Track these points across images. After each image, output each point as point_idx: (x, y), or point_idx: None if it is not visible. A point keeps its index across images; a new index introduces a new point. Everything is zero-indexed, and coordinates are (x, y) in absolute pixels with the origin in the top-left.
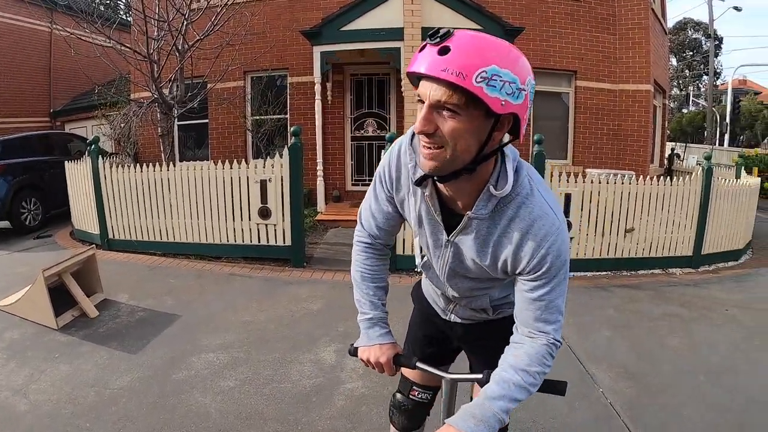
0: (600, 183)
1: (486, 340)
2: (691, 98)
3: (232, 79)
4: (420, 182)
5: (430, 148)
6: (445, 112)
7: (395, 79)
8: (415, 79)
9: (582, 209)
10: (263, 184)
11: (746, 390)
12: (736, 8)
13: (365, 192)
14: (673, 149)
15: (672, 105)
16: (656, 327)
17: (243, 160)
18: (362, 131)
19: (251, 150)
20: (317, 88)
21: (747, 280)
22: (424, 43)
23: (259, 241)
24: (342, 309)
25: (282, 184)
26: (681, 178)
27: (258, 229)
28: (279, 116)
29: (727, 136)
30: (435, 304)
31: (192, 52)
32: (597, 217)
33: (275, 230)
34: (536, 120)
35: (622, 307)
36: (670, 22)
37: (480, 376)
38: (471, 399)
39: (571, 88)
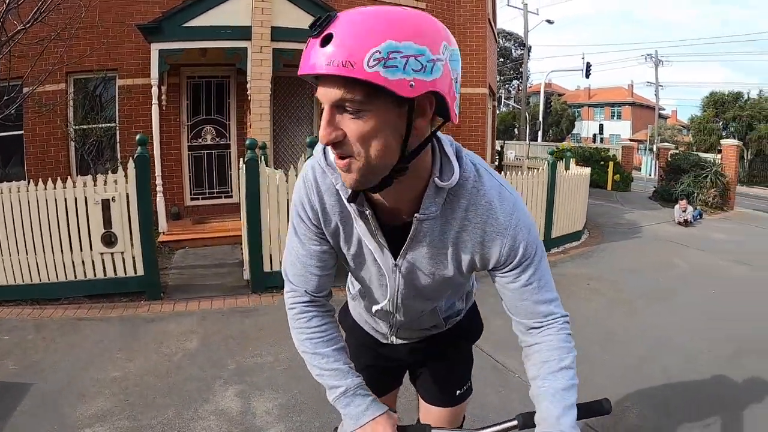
0: None
1: (437, 347)
2: (503, 100)
3: (52, 82)
4: (354, 197)
5: (342, 158)
6: (346, 114)
7: (236, 82)
8: (314, 81)
9: None
10: (105, 205)
11: (632, 351)
12: (548, 21)
13: (206, 206)
14: (502, 146)
15: None
16: None
17: (68, 176)
18: (200, 140)
19: (75, 165)
20: (154, 91)
21: (592, 256)
22: (309, 37)
23: (105, 275)
24: (224, 341)
25: (128, 203)
26: (530, 171)
27: (103, 260)
28: (108, 125)
29: (540, 133)
30: (373, 331)
31: (11, 46)
32: None
33: (123, 259)
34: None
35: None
36: None
37: (514, 422)
38: None
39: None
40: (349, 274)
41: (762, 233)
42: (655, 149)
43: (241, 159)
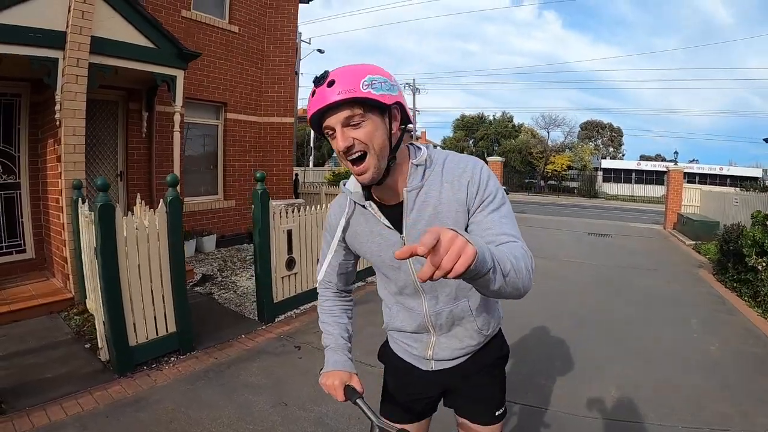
0: (310, 215)
1: (476, 376)
2: None
3: None
4: (369, 195)
5: (358, 160)
6: (352, 125)
7: (28, 102)
8: (316, 121)
9: (301, 243)
10: None
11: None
12: (319, 50)
13: None
14: (296, 174)
15: None
16: None
17: None
18: None
19: None
20: None
21: None
22: (313, 89)
23: None
24: None
25: None
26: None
27: None
28: None
29: (311, 158)
30: (410, 354)
31: None
32: (312, 248)
33: None
34: (188, 153)
35: (372, 320)
36: None
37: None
38: None
39: (221, 120)
40: (378, 284)
41: (534, 231)
42: None
43: (57, 201)
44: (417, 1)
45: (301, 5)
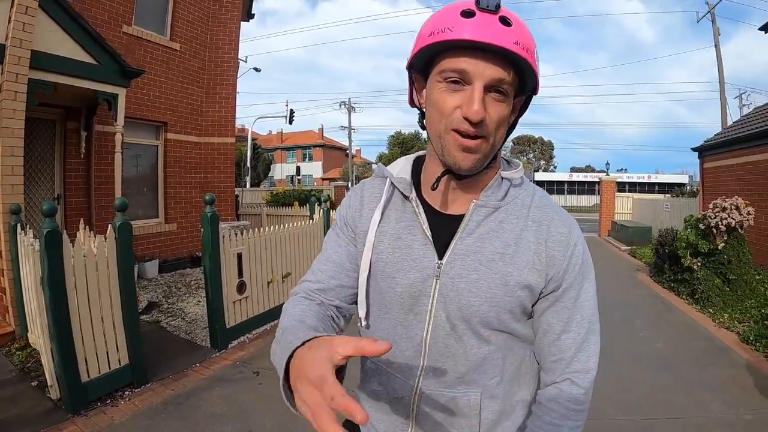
0: (260, 237)
1: None
2: None
3: None
4: (437, 184)
5: (475, 138)
6: (494, 95)
7: None
8: (436, 50)
9: (251, 265)
10: None
11: None
12: (256, 69)
13: None
14: (237, 195)
15: None
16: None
17: None
18: None
19: None
20: None
21: None
22: (468, 7)
23: None
24: None
25: None
26: (301, 220)
27: None
28: None
29: (248, 178)
30: None
31: None
32: (263, 270)
33: None
34: (127, 175)
35: None
36: None
37: None
38: None
39: (161, 141)
40: (364, 327)
41: None
42: (351, 185)
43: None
44: (351, 21)
45: (242, 23)
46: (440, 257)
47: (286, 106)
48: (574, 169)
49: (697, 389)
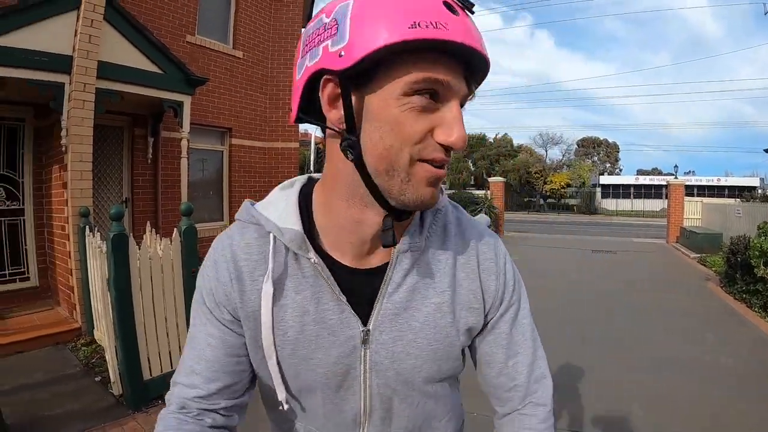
0: None
1: None
2: None
3: None
4: (391, 239)
5: (441, 167)
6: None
7: (32, 127)
8: (404, 51)
9: None
10: None
11: None
12: None
13: None
14: None
15: None
16: None
17: None
18: None
19: None
20: None
21: None
22: (457, 6)
23: None
24: None
25: None
26: None
27: None
28: None
29: None
30: None
31: None
32: None
33: None
34: (193, 179)
35: None
36: None
37: None
38: None
39: (226, 146)
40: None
41: (536, 251)
42: None
43: (65, 228)
44: None
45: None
46: (365, 323)
47: None
48: (640, 172)
49: None
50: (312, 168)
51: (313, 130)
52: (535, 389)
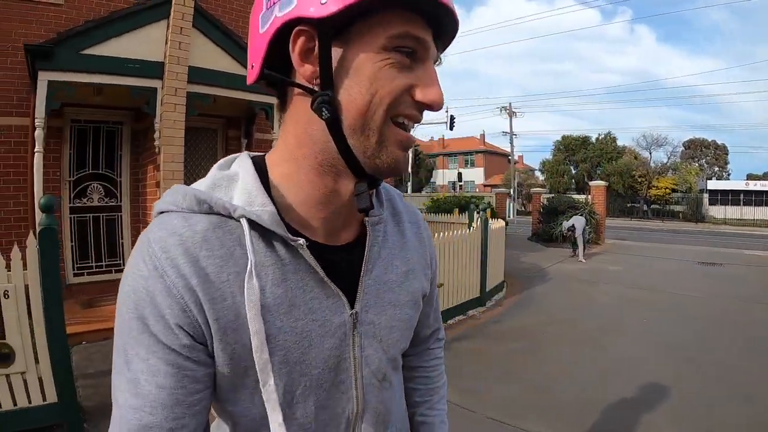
0: None
1: None
2: None
3: None
4: (369, 202)
5: (409, 131)
6: None
7: (130, 130)
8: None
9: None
10: None
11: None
12: None
13: (94, 284)
14: None
15: None
16: (514, 368)
17: None
18: (85, 199)
19: None
20: (38, 134)
21: (527, 305)
22: None
23: None
24: None
25: (28, 299)
26: (459, 228)
27: None
28: None
29: (410, 184)
30: None
31: None
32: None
33: (25, 382)
34: None
35: (474, 357)
36: None
37: None
38: None
39: None
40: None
41: (639, 260)
42: (513, 193)
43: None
44: (505, 25)
45: None
46: (352, 305)
47: (446, 112)
48: (750, 177)
49: None
50: (410, 169)
51: None
52: (438, 326)
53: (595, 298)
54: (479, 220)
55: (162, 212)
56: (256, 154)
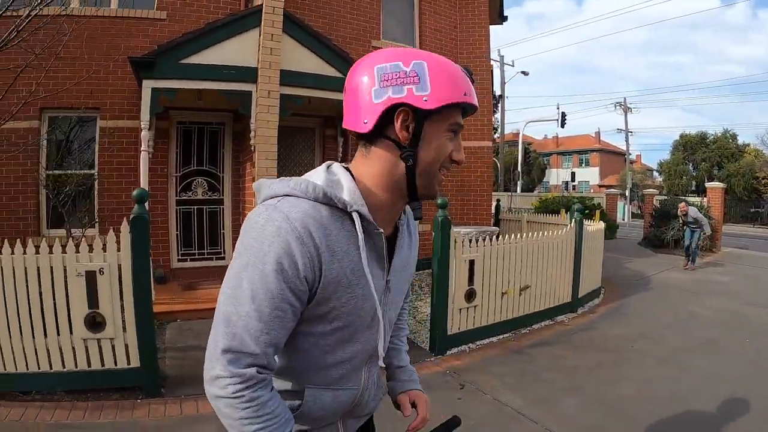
0: (498, 245)
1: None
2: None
3: (23, 118)
4: (421, 213)
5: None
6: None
7: (231, 130)
8: (449, 109)
9: (484, 274)
10: (91, 278)
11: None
12: (524, 72)
13: (195, 269)
14: (498, 200)
15: None
16: (588, 381)
17: (38, 230)
18: (190, 193)
19: (47, 216)
20: (144, 135)
21: (620, 314)
22: (468, 76)
23: (89, 365)
24: None
25: (121, 276)
26: (559, 229)
27: (87, 348)
28: (86, 172)
29: (519, 183)
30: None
31: None
32: (497, 280)
33: (113, 347)
34: None
35: (553, 365)
36: None
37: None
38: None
39: None
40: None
41: (756, 273)
42: (628, 194)
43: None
44: (617, 14)
45: (496, 27)
46: (387, 276)
47: (557, 108)
48: None
49: None
50: (519, 168)
51: (521, 130)
52: (409, 290)
53: (696, 312)
54: (573, 221)
55: (288, 195)
56: (343, 165)
